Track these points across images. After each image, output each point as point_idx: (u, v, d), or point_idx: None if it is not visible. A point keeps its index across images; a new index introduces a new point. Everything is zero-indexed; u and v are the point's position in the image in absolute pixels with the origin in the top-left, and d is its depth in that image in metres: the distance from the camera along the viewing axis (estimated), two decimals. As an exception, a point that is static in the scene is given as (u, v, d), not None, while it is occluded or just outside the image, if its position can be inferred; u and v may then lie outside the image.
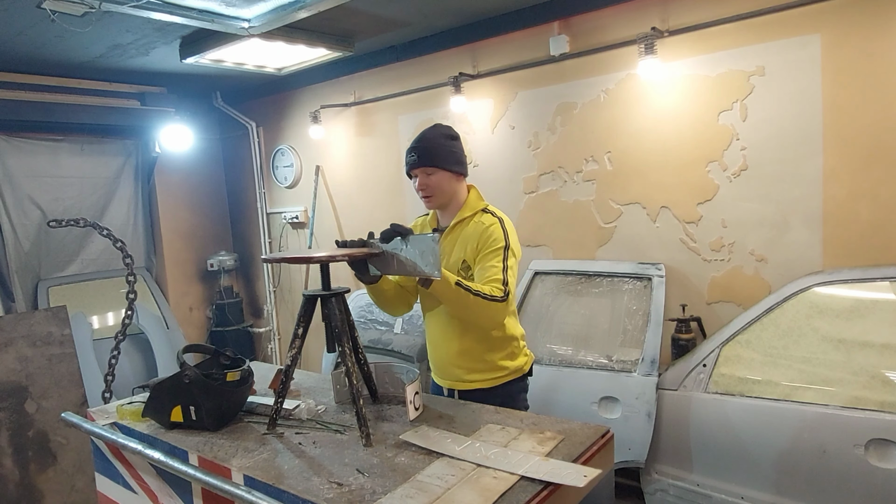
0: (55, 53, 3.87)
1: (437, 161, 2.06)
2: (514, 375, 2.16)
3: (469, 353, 2.11)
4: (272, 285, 5.61)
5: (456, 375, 2.15)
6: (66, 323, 3.16)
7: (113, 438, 1.83)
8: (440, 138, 2.10)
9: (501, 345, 2.12)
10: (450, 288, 1.83)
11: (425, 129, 2.16)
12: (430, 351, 2.26)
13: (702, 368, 2.78)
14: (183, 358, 1.86)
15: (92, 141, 4.93)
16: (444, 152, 2.07)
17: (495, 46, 3.86)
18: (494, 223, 2.04)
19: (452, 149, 2.10)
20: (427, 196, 2.10)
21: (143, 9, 2.82)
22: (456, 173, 2.10)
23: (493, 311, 1.88)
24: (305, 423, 1.84)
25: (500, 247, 1.98)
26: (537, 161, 3.78)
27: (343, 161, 4.92)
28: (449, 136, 2.12)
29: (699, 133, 3.16)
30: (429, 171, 2.07)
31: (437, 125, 2.18)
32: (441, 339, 2.17)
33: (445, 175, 2.08)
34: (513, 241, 2.02)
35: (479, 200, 2.15)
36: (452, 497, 1.34)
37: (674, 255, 3.30)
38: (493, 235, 2.00)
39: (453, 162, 2.09)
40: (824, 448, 2.41)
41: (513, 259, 1.99)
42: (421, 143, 2.09)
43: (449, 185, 2.09)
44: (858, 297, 2.57)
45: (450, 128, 2.16)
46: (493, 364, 2.12)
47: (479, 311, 1.87)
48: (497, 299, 1.87)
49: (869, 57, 2.69)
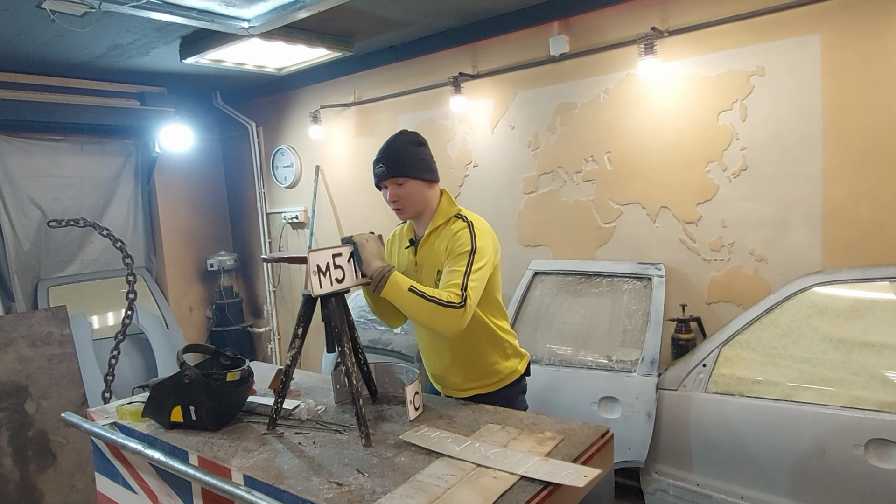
0: (55, 53, 3.87)
1: (407, 170, 1.98)
2: (512, 378, 2.14)
3: (462, 360, 2.08)
4: (272, 285, 5.62)
5: (453, 384, 2.13)
6: (66, 323, 3.16)
7: (113, 438, 1.83)
8: (408, 146, 2.02)
9: (494, 348, 2.09)
10: (401, 292, 1.78)
11: (390, 137, 2.06)
12: (425, 361, 2.23)
13: (702, 368, 2.78)
14: (183, 358, 1.86)
15: (92, 141, 4.93)
16: (413, 160, 1.99)
17: (495, 46, 3.86)
18: (462, 228, 1.96)
19: (421, 155, 2.02)
20: (398, 208, 2.02)
21: (143, 9, 2.82)
22: (427, 181, 2.02)
23: (450, 316, 1.78)
24: (305, 423, 1.85)
25: (465, 251, 1.89)
26: (537, 161, 3.78)
27: (343, 161, 4.92)
28: (417, 142, 2.04)
29: (699, 133, 3.16)
30: (399, 181, 1.98)
31: (403, 132, 2.08)
32: (432, 349, 2.14)
33: (417, 184, 1.99)
34: (481, 244, 1.92)
35: (451, 206, 2.06)
36: (452, 497, 1.34)
37: (674, 255, 3.30)
38: (459, 240, 1.92)
39: (424, 169, 2.01)
40: (824, 448, 2.41)
41: (480, 262, 1.89)
42: (388, 152, 2.00)
43: (421, 195, 2.01)
44: (858, 297, 2.57)
45: (416, 134, 2.08)
46: (489, 368, 2.09)
47: (436, 317, 1.79)
48: (454, 305, 1.78)
49: (869, 57, 2.69)
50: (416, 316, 1.83)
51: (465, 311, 1.80)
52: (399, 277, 1.81)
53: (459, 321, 1.80)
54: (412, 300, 1.78)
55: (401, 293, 1.79)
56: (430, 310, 1.78)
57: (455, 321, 1.79)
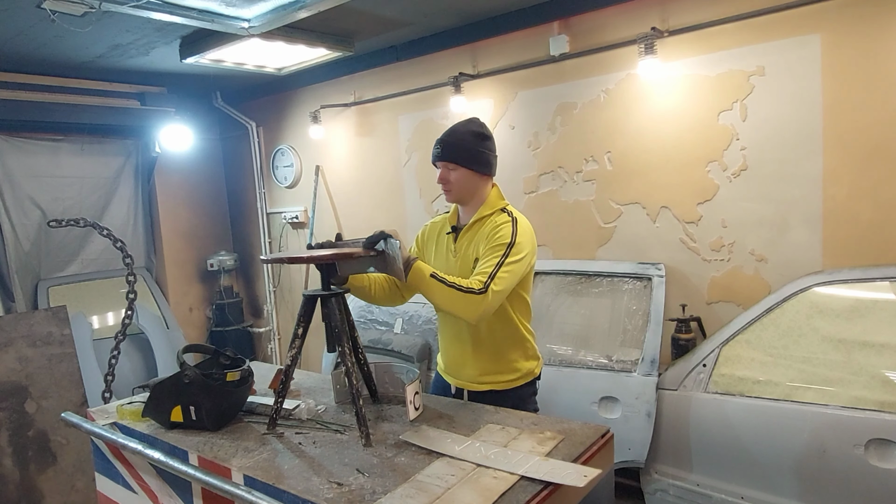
0: (55, 53, 3.87)
1: (460, 159, 2.03)
2: (527, 379, 2.14)
3: (484, 351, 2.08)
4: (272, 285, 5.61)
5: (469, 376, 2.13)
6: (66, 323, 3.16)
7: (113, 438, 1.83)
8: (469, 136, 2.05)
9: (516, 344, 2.11)
10: (424, 279, 1.84)
11: (459, 122, 2.11)
12: (444, 349, 2.23)
13: (702, 368, 2.78)
14: (183, 358, 1.86)
15: (92, 141, 4.93)
16: (468, 151, 2.03)
17: (495, 46, 3.86)
18: (506, 222, 2.00)
19: (479, 147, 2.05)
20: (446, 189, 2.08)
21: (143, 9, 2.82)
22: (480, 173, 2.06)
23: (469, 302, 1.82)
24: (305, 423, 1.84)
25: (504, 243, 1.93)
26: (537, 161, 3.78)
27: (343, 161, 4.92)
28: (480, 134, 2.07)
29: (699, 133, 3.16)
30: (450, 166, 2.04)
31: (472, 120, 2.12)
32: (455, 337, 2.15)
33: (467, 173, 2.04)
34: (521, 240, 1.96)
35: (500, 200, 2.10)
36: (452, 497, 1.34)
37: (674, 255, 3.30)
38: (500, 233, 1.97)
39: (478, 162, 2.04)
40: (824, 448, 2.41)
41: (516, 257, 1.93)
42: (449, 137, 2.05)
43: (470, 183, 2.05)
44: (858, 297, 2.57)
45: (483, 125, 2.11)
46: (509, 365, 2.10)
47: (456, 303, 1.84)
48: (473, 291, 1.82)
49: (869, 57, 2.69)
50: (437, 300, 1.88)
51: (486, 297, 1.83)
52: (423, 265, 1.86)
53: (479, 307, 1.83)
54: (434, 285, 1.84)
55: (424, 279, 1.84)
56: (450, 294, 1.83)
57: (474, 306, 1.83)
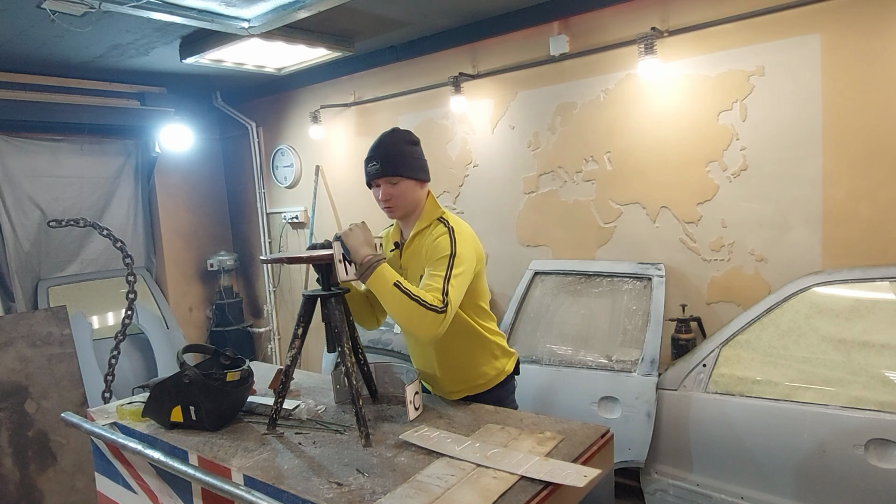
0: (55, 53, 3.87)
1: (402, 169, 1.96)
2: (499, 379, 2.12)
3: (448, 363, 2.06)
4: (272, 285, 5.61)
5: (441, 387, 2.11)
6: (66, 323, 3.16)
7: (113, 438, 1.83)
8: (402, 144, 2.00)
9: (482, 350, 2.07)
10: (386, 286, 1.73)
11: (383, 134, 2.04)
12: (414, 363, 2.21)
13: (702, 368, 2.78)
14: (183, 358, 1.86)
15: (92, 141, 4.93)
16: (407, 159, 1.98)
17: (495, 46, 3.86)
18: (443, 234, 1.92)
19: (415, 154, 2.01)
20: (390, 207, 2.00)
21: (143, 9, 2.82)
22: (420, 181, 2.01)
23: (429, 320, 1.72)
24: (305, 423, 1.85)
25: (445, 255, 1.85)
26: (537, 161, 3.78)
27: (343, 161, 4.92)
28: (410, 141, 2.03)
29: (699, 133, 3.16)
30: (393, 180, 1.96)
31: (396, 130, 2.06)
32: (420, 351, 2.13)
33: (410, 184, 1.98)
34: (461, 249, 1.88)
35: (435, 208, 2.03)
36: (452, 497, 1.34)
37: (674, 255, 3.30)
38: (439, 246, 1.89)
39: (417, 169, 2.00)
40: (824, 448, 2.41)
41: (460, 268, 1.85)
42: (382, 150, 1.98)
43: (413, 194, 2.00)
44: (858, 297, 2.57)
45: (409, 132, 2.06)
46: (477, 370, 2.07)
47: (416, 318, 1.72)
48: (435, 309, 1.72)
49: (869, 57, 2.69)
50: (395, 313, 1.75)
51: (446, 316, 1.74)
52: (387, 269, 1.75)
53: (438, 326, 1.73)
54: (395, 295, 1.72)
55: (385, 286, 1.73)
56: (411, 309, 1.71)
57: (434, 326, 1.73)
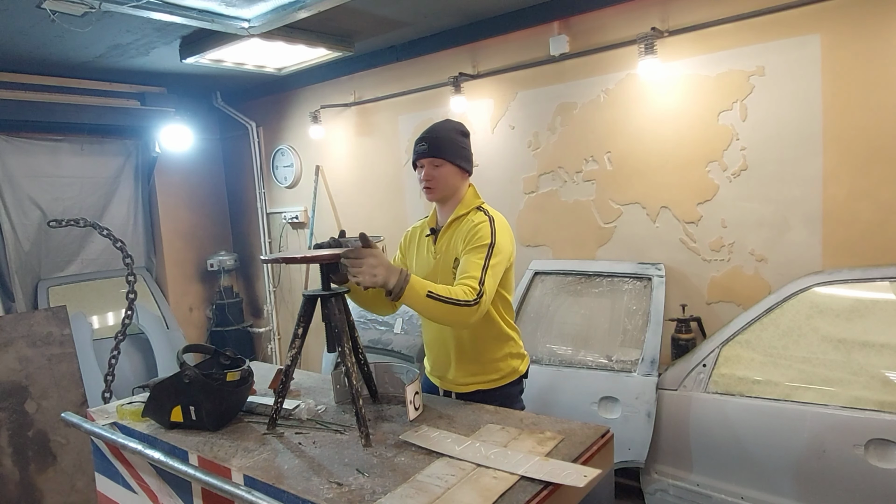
0: (55, 53, 3.87)
1: (447, 154, 2.05)
2: (512, 378, 2.15)
3: (467, 353, 2.09)
4: (272, 285, 5.61)
5: (453, 378, 2.13)
6: (66, 323, 3.16)
7: (113, 438, 1.83)
8: (452, 132, 2.10)
9: (499, 344, 2.11)
10: (420, 300, 1.77)
11: (438, 121, 2.16)
12: (428, 353, 2.25)
13: (702, 368, 2.78)
14: (183, 358, 1.86)
15: (92, 141, 4.93)
16: (454, 147, 2.07)
17: (495, 46, 3.86)
18: (483, 221, 2.00)
19: (462, 145, 2.10)
20: (429, 187, 2.08)
21: (143, 9, 2.82)
22: (462, 169, 2.10)
23: (463, 315, 1.80)
24: (305, 423, 1.84)
25: (484, 244, 1.93)
26: (537, 161, 3.78)
27: (343, 161, 4.92)
28: (461, 131, 2.13)
29: (699, 133, 3.16)
30: (437, 162, 2.05)
31: (450, 120, 2.18)
32: (437, 340, 2.16)
33: (452, 169, 2.07)
34: (500, 239, 1.96)
35: (475, 198, 2.13)
36: (452, 497, 1.34)
37: (674, 255, 3.30)
38: (480, 233, 1.96)
39: (462, 158, 2.09)
40: (824, 448, 2.41)
41: (498, 257, 1.93)
42: (433, 133, 2.08)
43: (453, 180, 2.08)
44: (858, 297, 2.57)
45: (461, 124, 2.16)
46: (492, 365, 2.11)
47: (451, 317, 1.81)
48: (469, 303, 1.80)
49: (869, 57, 2.69)
50: (432, 318, 1.84)
51: (480, 307, 1.82)
52: (416, 284, 1.77)
53: (473, 317, 1.81)
54: (430, 305, 1.77)
55: (420, 301, 1.77)
56: (446, 311, 1.79)
57: (468, 317, 1.81)
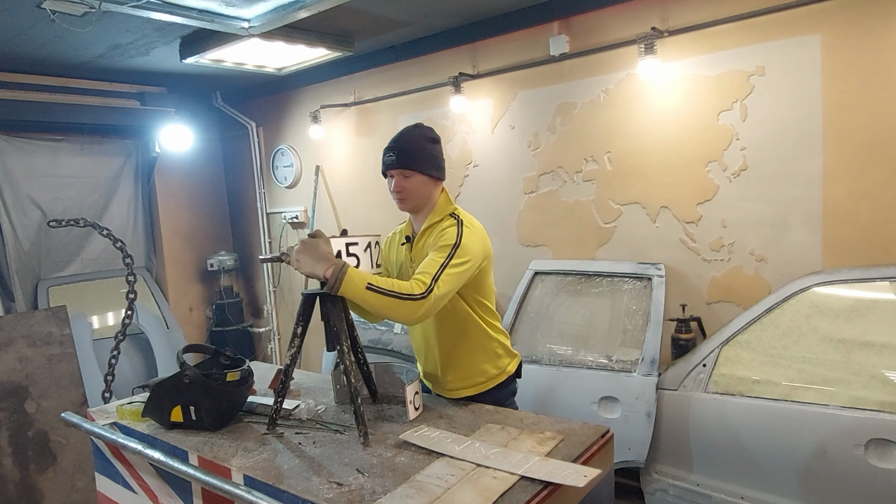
0: (55, 53, 3.87)
1: (416, 164, 1.99)
2: (500, 379, 2.12)
3: (452, 360, 2.07)
4: (272, 285, 5.61)
5: (443, 384, 2.13)
6: (66, 323, 3.16)
7: (113, 438, 1.83)
8: (421, 140, 2.02)
9: (484, 349, 2.08)
10: (359, 291, 1.72)
11: (405, 127, 2.08)
12: (418, 359, 2.24)
13: (702, 368, 2.78)
14: (183, 358, 1.86)
15: (92, 141, 4.93)
16: (423, 155, 2.00)
17: (495, 46, 3.86)
18: (452, 225, 1.96)
19: (433, 152, 2.04)
20: (401, 199, 2.04)
21: (143, 9, 2.82)
22: (433, 178, 2.04)
23: (407, 308, 1.74)
24: (305, 423, 1.85)
25: (447, 244, 1.88)
26: (537, 161, 3.78)
27: (343, 161, 4.92)
28: (430, 138, 2.05)
29: (699, 133, 3.16)
30: (406, 173, 1.99)
31: (419, 125, 2.09)
32: (425, 348, 2.14)
33: (423, 179, 2.01)
34: (466, 241, 1.90)
35: (448, 205, 2.07)
36: (452, 497, 1.34)
37: (674, 255, 3.30)
38: (444, 235, 1.92)
39: (432, 166, 2.02)
40: (824, 448, 2.41)
41: (461, 259, 1.86)
42: (400, 143, 2.01)
43: (425, 189, 2.02)
44: (858, 297, 2.57)
45: (431, 129, 2.09)
46: (478, 369, 2.08)
47: (394, 309, 1.75)
48: (414, 297, 1.74)
49: (869, 57, 2.69)
50: (376, 310, 1.79)
51: (426, 301, 1.75)
52: (354, 276, 1.72)
53: (417, 311, 1.75)
54: (370, 297, 1.73)
55: (358, 293, 1.72)
56: (388, 303, 1.73)
57: (414, 311, 1.75)
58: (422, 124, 2.11)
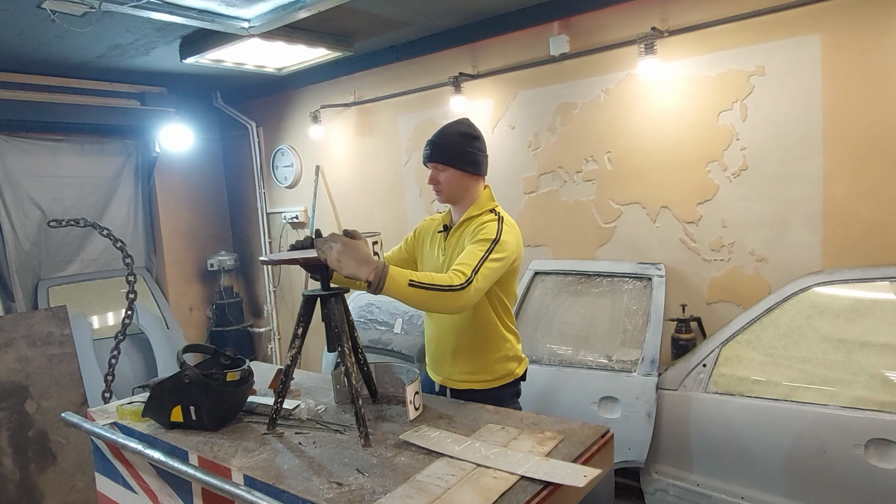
0: (55, 53, 3.87)
1: (449, 159, 2.06)
2: (507, 380, 2.15)
3: (463, 351, 2.11)
4: (272, 285, 5.62)
5: (449, 373, 2.16)
6: (66, 323, 3.16)
7: (113, 438, 1.83)
8: (457, 136, 2.09)
9: (496, 345, 2.11)
10: (402, 290, 1.74)
11: (448, 122, 2.16)
12: (427, 346, 2.27)
13: (702, 368, 2.78)
14: (183, 358, 1.86)
15: (92, 141, 4.93)
16: (457, 151, 2.07)
17: (495, 46, 3.86)
18: (492, 220, 2.03)
19: (468, 148, 2.08)
20: (436, 190, 2.13)
21: (143, 9, 2.82)
22: (469, 173, 2.10)
23: (448, 300, 1.78)
24: (305, 423, 1.84)
25: (488, 238, 1.93)
26: (537, 161, 3.78)
27: (343, 161, 4.92)
28: (468, 134, 2.10)
29: (699, 133, 3.16)
30: (440, 167, 2.08)
31: (460, 121, 2.16)
32: (437, 335, 2.18)
33: (456, 174, 2.08)
34: (506, 238, 1.95)
35: (490, 201, 2.14)
36: (452, 497, 1.34)
37: (674, 255, 3.30)
38: (485, 228, 1.98)
39: (467, 162, 2.08)
40: (824, 448, 2.41)
41: (499, 255, 1.91)
42: (438, 138, 2.09)
43: (459, 184, 2.09)
44: (858, 297, 2.57)
45: (471, 126, 2.14)
46: (487, 366, 2.11)
47: (437, 302, 1.79)
48: (454, 288, 1.78)
49: (869, 57, 2.69)
50: (418, 305, 1.81)
51: (466, 292, 1.79)
52: (396, 275, 1.74)
53: (458, 301, 1.79)
54: (413, 293, 1.75)
55: (402, 291, 1.74)
56: (430, 297, 1.77)
57: (455, 301, 1.79)
58: (464, 120, 2.17)
